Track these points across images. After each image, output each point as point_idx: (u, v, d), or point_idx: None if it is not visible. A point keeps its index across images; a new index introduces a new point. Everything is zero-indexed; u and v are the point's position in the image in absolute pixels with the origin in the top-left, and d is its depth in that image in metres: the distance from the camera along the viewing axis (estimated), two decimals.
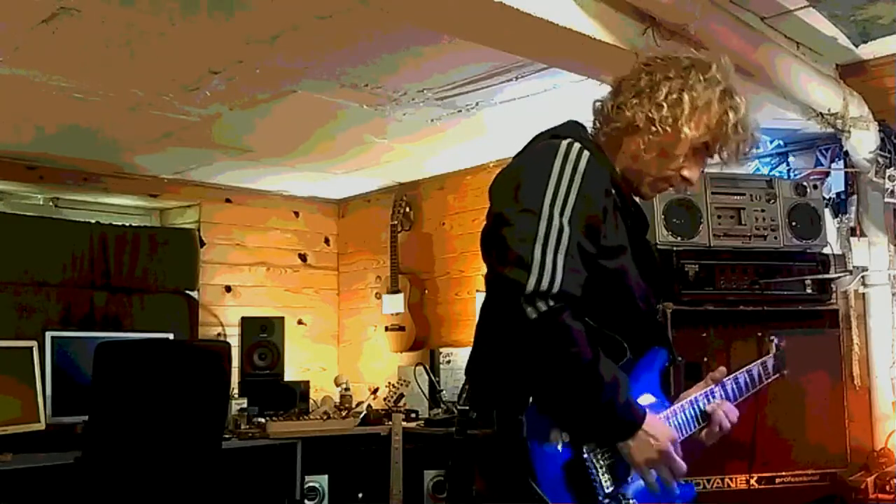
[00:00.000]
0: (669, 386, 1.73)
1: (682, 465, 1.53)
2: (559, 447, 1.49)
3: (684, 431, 1.66)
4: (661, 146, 1.62)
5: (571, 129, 1.67)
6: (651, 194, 1.73)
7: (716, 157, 1.68)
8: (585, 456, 1.49)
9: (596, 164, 1.55)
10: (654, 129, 1.61)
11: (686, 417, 1.67)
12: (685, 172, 1.67)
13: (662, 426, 1.54)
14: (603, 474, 1.50)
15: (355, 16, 2.73)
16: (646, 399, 1.62)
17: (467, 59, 3.15)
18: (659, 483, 1.52)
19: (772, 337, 2.00)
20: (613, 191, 1.61)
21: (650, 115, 1.61)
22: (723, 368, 1.78)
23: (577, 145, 1.57)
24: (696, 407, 1.70)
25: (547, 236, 1.44)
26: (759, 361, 1.92)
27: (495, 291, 1.47)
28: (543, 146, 1.59)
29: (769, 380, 1.93)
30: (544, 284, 1.40)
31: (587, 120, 1.73)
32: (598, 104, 1.73)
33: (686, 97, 1.60)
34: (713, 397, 1.74)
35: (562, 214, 1.46)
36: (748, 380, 1.86)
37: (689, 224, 3.10)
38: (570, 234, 1.45)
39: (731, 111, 1.62)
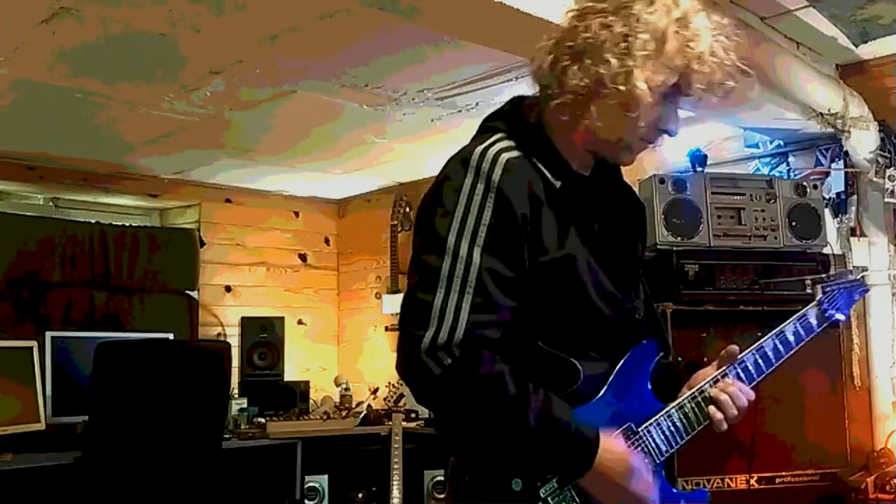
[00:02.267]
0: (669, 378, 1.57)
1: (645, 498, 1.38)
2: (512, 492, 1.35)
3: (683, 433, 1.48)
4: (624, 106, 1.36)
5: (505, 114, 1.49)
6: (630, 160, 1.49)
7: (697, 94, 1.40)
8: (542, 497, 1.34)
9: (517, 164, 1.37)
10: (606, 90, 1.35)
11: (685, 416, 1.49)
12: (662, 124, 1.42)
13: (615, 455, 1.36)
14: None
15: (355, 16, 2.73)
16: (627, 404, 1.47)
17: (467, 59, 3.15)
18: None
19: (819, 277, 1.77)
20: (557, 183, 1.41)
21: (599, 76, 1.35)
22: (734, 347, 1.55)
23: (491, 151, 1.38)
24: (699, 398, 1.50)
25: (451, 276, 1.30)
26: (795, 317, 1.63)
27: (398, 350, 1.33)
28: (456, 160, 1.40)
29: (814, 334, 1.64)
30: (443, 336, 1.28)
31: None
32: (536, 74, 1.45)
33: (634, 42, 1.33)
34: (725, 379, 1.52)
35: (472, 243, 1.31)
36: (780, 345, 1.59)
37: (689, 224, 3.10)
38: (479, 265, 1.31)
39: (691, 42, 1.34)
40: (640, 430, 1.46)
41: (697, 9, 1.38)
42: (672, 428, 1.48)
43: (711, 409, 1.49)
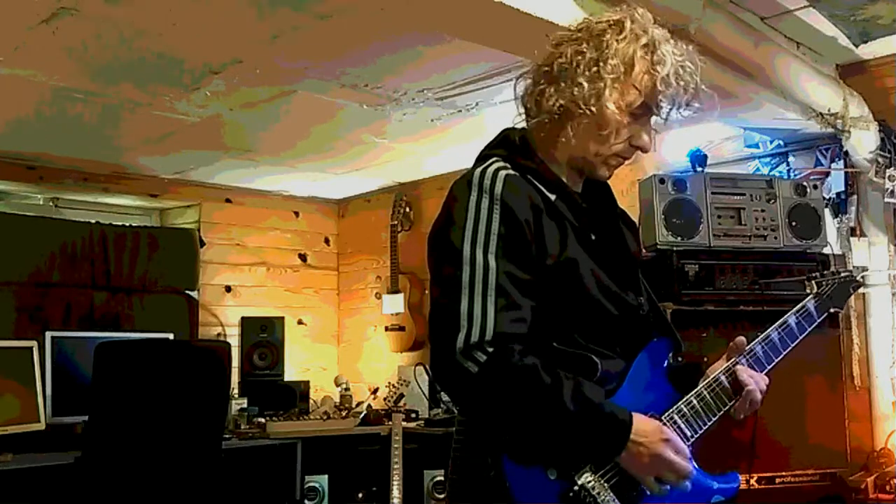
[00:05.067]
0: (684, 374, 1.61)
1: (683, 464, 1.44)
2: (548, 482, 1.40)
3: (705, 418, 1.54)
4: (597, 126, 1.50)
5: (497, 144, 1.61)
6: (608, 174, 1.60)
7: (664, 113, 1.54)
8: (579, 484, 1.40)
9: (515, 180, 1.47)
10: (580, 111, 1.49)
11: (704, 402, 1.55)
12: (635, 141, 1.54)
13: (649, 427, 1.44)
14: (606, 496, 1.41)
15: (355, 16, 2.73)
16: (648, 397, 1.53)
17: (467, 59, 3.15)
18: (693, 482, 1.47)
19: (813, 275, 1.81)
20: (553, 196, 1.51)
21: (572, 98, 1.49)
22: (742, 338, 1.62)
23: (491, 168, 1.49)
24: (715, 386, 1.56)
25: (472, 282, 1.39)
26: (795, 309, 1.73)
27: (432, 358, 1.42)
28: (458, 184, 1.51)
29: (815, 324, 1.74)
30: (475, 336, 1.36)
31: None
32: (519, 98, 1.61)
33: (604, 67, 1.47)
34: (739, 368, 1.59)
35: (486, 251, 1.41)
36: (785, 334, 1.68)
37: (689, 224, 3.10)
38: (496, 269, 1.40)
39: (657, 66, 1.48)
40: (663, 417, 1.51)
41: (665, 37, 1.52)
42: (694, 414, 1.54)
43: (737, 390, 1.56)
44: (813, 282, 1.83)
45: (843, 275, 1.87)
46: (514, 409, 1.39)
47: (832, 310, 1.81)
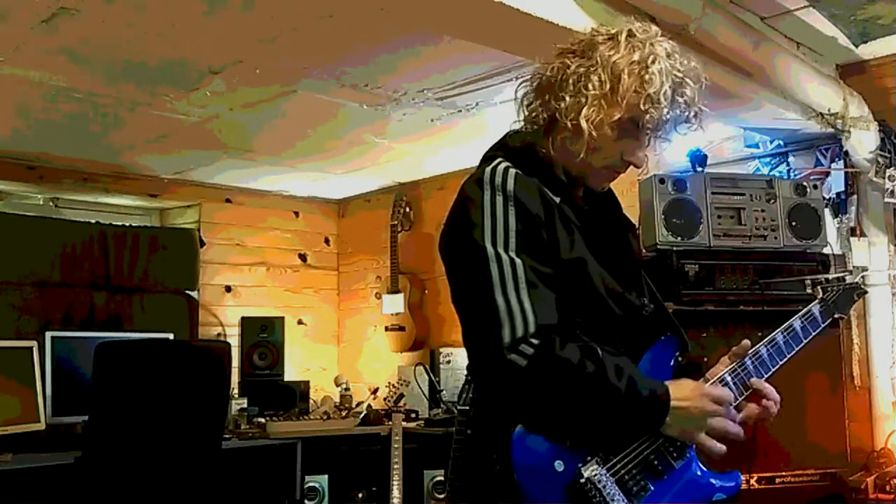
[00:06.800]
0: (689, 373, 1.61)
1: (717, 406, 1.48)
2: (556, 474, 1.41)
3: None
4: (581, 139, 1.49)
5: (500, 146, 1.60)
6: (599, 185, 1.59)
7: (652, 133, 1.52)
8: (585, 476, 1.41)
9: (524, 178, 1.48)
10: (562, 123, 1.50)
11: None
12: (627, 157, 1.53)
13: (685, 388, 1.47)
14: (612, 489, 1.42)
15: (355, 16, 2.73)
16: None
17: (467, 60, 3.15)
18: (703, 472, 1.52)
19: (819, 279, 1.86)
20: (558, 199, 1.51)
21: (556, 110, 1.51)
22: (746, 342, 1.63)
23: (500, 166, 1.49)
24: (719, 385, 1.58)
25: (503, 279, 1.39)
26: (800, 314, 1.74)
27: (475, 356, 1.42)
28: (469, 185, 1.50)
29: (819, 329, 1.75)
30: (519, 330, 1.36)
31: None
32: (519, 104, 1.62)
33: (588, 81, 1.47)
34: (743, 371, 1.62)
35: (506, 247, 1.41)
36: (790, 338, 1.70)
37: (689, 224, 3.10)
38: (522, 264, 1.40)
39: (645, 84, 1.45)
40: None
41: (668, 51, 1.50)
42: None
43: (764, 401, 1.63)
44: (819, 287, 1.83)
45: (849, 282, 1.88)
46: (566, 397, 1.39)
47: (836, 316, 1.82)
